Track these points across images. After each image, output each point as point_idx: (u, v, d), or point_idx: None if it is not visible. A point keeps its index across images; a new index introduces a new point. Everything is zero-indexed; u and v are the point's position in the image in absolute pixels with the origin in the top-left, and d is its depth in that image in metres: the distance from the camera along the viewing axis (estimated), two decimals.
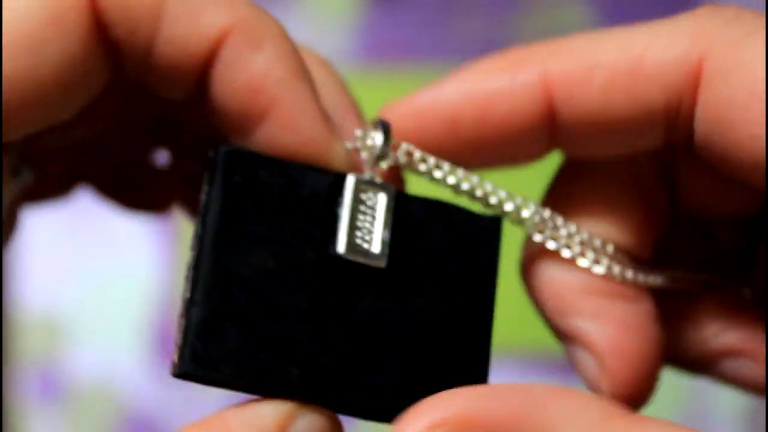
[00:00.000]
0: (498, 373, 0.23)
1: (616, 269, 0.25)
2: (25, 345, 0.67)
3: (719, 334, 0.27)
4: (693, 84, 0.22)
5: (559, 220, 0.25)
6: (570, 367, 0.26)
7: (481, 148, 0.25)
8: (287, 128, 0.21)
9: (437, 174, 0.24)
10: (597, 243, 0.25)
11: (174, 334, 0.21)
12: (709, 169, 0.24)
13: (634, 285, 0.25)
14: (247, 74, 0.21)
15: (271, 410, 0.21)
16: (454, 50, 0.68)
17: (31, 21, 0.19)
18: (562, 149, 0.25)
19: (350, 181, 0.22)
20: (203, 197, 0.21)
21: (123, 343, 0.66)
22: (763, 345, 0.27)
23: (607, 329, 0.25)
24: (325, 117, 0.22)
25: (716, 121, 0.22)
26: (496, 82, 0.24)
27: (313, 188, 0.22)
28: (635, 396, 0.25)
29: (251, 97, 0.21)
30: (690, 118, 0.23)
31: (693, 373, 0.28)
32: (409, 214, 0.23)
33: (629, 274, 0.25)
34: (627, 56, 0.23)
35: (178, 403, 0.64)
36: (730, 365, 0.27)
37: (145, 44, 0.21)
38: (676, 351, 0.27)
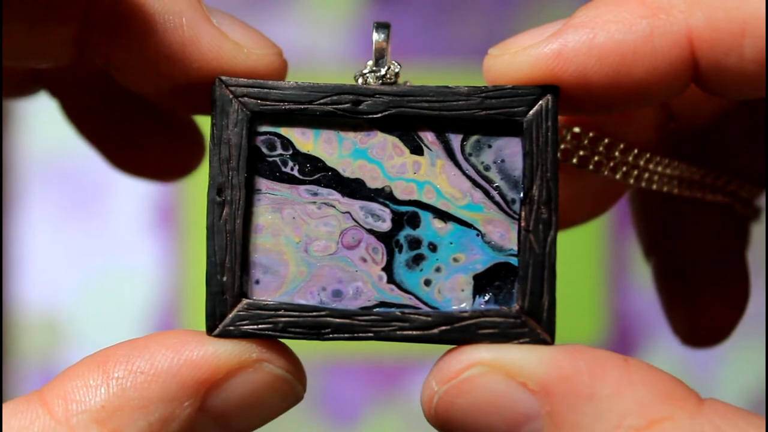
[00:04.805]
0: None
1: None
2: (26, 343, 0.67)
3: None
4: None
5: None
6: None
7: (609, 105, 0.21)
8: None
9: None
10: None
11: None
12: None
13: None
14: None
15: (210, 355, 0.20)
16: (453, 51, 0.68)
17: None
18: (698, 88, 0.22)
19: None
20: None
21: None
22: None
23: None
24: None
25: None
26: (632, 34, 0.20)
27: None
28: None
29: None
30: None
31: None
32: None
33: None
34: None
35: None
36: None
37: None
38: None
